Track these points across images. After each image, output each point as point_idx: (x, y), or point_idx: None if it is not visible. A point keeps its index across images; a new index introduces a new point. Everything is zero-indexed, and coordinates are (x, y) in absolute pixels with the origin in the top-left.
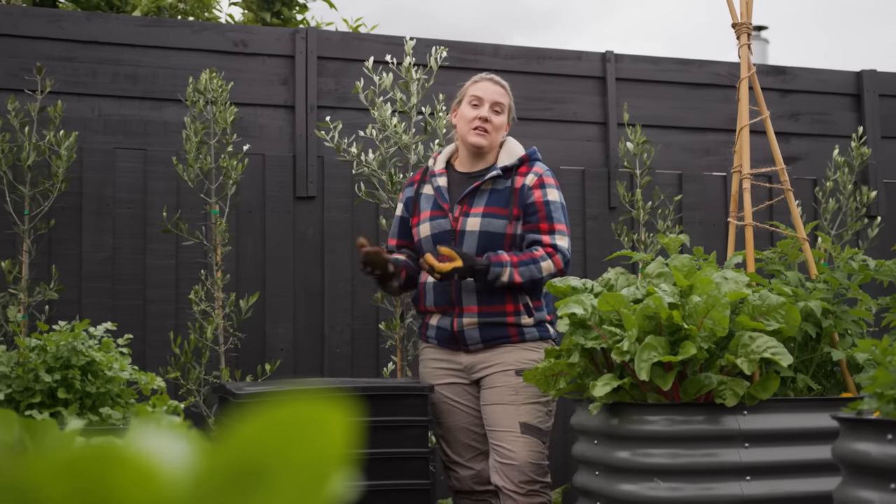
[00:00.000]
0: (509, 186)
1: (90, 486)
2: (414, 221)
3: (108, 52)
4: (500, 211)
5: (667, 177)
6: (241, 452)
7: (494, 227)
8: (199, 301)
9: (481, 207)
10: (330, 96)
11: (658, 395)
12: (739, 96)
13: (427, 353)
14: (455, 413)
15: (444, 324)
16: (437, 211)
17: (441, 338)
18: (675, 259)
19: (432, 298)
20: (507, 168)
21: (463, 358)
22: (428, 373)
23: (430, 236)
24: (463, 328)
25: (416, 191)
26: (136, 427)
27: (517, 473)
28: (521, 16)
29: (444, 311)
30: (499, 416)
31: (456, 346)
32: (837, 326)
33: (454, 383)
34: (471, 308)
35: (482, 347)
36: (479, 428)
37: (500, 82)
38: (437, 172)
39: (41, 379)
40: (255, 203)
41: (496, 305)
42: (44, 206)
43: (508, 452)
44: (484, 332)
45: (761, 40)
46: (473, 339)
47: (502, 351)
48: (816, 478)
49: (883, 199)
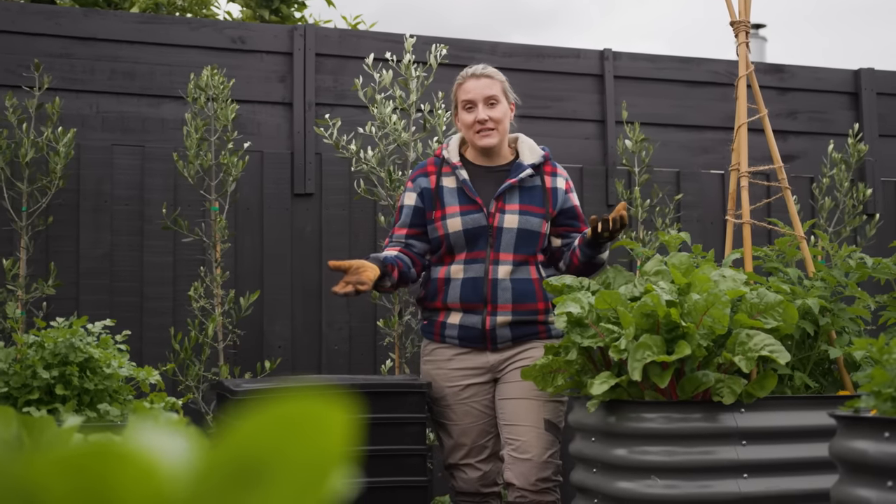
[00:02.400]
0: (539, 185)
1: (90, 484)
2: (437, 215)
3: (106, 48)
4: (536, 209)
5: (665, 175)
6: (240, 449)
7: (531, 226)
8: (199, 298)
9: (517, 205)
10: (328, 93)
11: (655, 393)
12: (737, 94)
13: (441, 353)
14: (472, 414)
15: (472, 322)
16: (468, 205)
17: (467, 337)
18: (673, 257)
19: (458, 294)
20: (534, 166)
21: (489, 357)
22: (442, 374)
23: (461, 231)
24: (496, 326)
25: (436, 183)
26: (135, 424)
27: (534, 470)
28: (522, 15)
29: (473, 309)
30: (521, 411)
31: (483, 346)
32: (835, 324)
33: (474, 384)
34: (505, 306)
35: (511, 345)
36: (493, 427)
37: (483, 73)
38: (456, 165)
39: (39, 375)
40: (253, 200)
41: (530, 304)
42: (41, 203)
43: (526, 447)
44: (515, 330)
45: (759, 38)
46: (504, 338)
47: (529, 346)
48: (814, 476)
49: (880, 196)
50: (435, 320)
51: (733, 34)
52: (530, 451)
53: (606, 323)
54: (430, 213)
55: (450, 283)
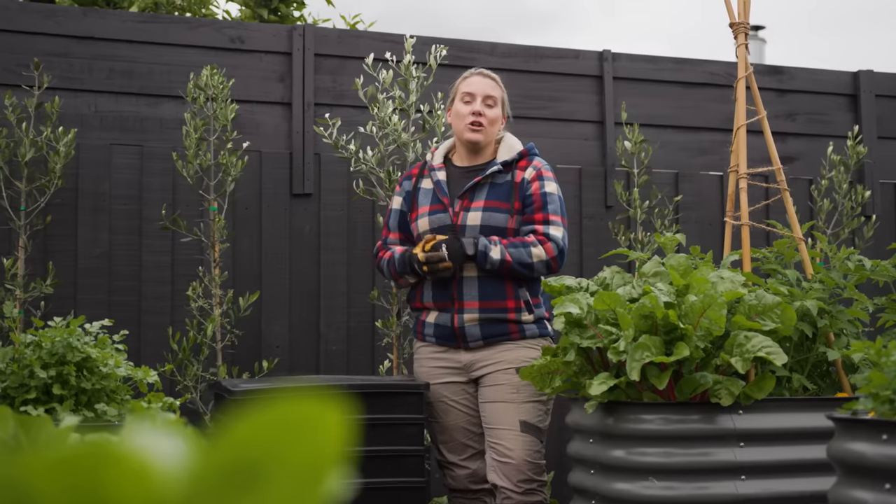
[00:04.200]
0: (509, 181)
1: (85, 483)
2: (412, 216)
3: (105, 47)
4: (501, 205)
5: (663, 176)
6: (236, 450)
7: (496, 221)
8: (197, 298)
9: (482, 202)
10: (327, 94)
11: (654, 395)
12: (736, 96)
13: (423, 351)
14: (452, 412)
15: (443, 320)
16: (436, 205)
17: (440, 335)
18: (671, 258)
19: (430, 294)
20: (506, 163)
21: (462, 356)
22: (424, 372)
23: (429, 230)
24: (464, 324)
25: (414, 185)
26: (132, 424)
27: (515, 472)
28: (523, 16)
29: (443, 308)
30: (499, 414)
31: (455, 344)
32: (833, 326)
33: (452, 382)
34: (472, 303)
35: (482, 345)
36: (476, 427)
37: (489, 75)
38: (435, 167)
39: (36, 375)
40: (252, 200)
41: (497, 301)
42: (40, 203)
43: (507, 451)
44: (485, 328)
45: (759, 40)
46: (474, 336)
47: (503, 348)
48: (811, 478)
49: (879, 198)
50: (419, 319)
51: (732, 36)
52: (510, 454)
53: (605, 324)
54: (409, 214)
55: (423, 282)
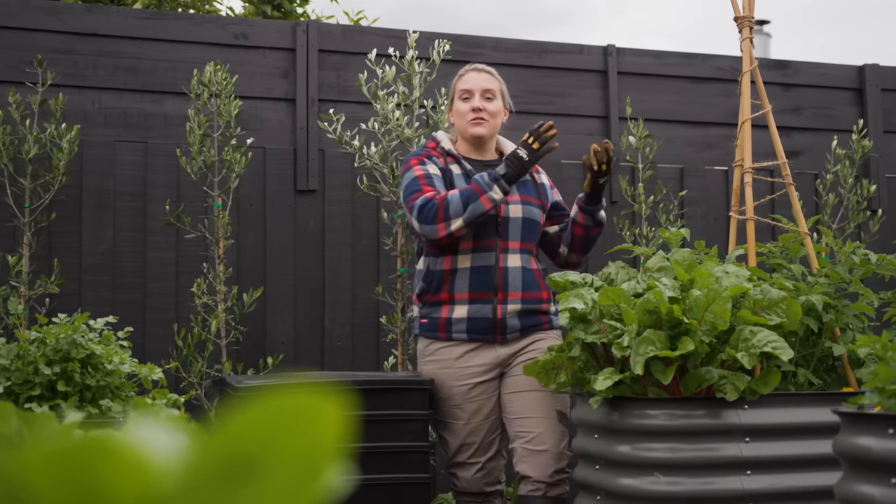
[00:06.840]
0: (530, 179)
1: (80, 478)
2: None
3: (109, 44)
4: (534, 201)
5: (668, 171)
6: (233, 444)
7: (533, 216)
8: (201, 294)
9: (517, 195)
10: (331, 89)
11: (659, 390)
12: (741, 90)
13: (447, 352)
14: (483, 412)
15: (482, 312)
16: None
17: (474, 329)
18: (676, 253)
19: (467, 284)
20: None
21: (498, 351)
22: (451, 374)
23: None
24: (506, 315)
25: (445, 166)
26: (134, 420)
27: (551, 461)
28: (534, 14)
29: (483, 299)
30: (532, 404)
31: (492, 338)
32: (839, 321)
33: (483, 381)
34: (515, 294)
35: (518, 336)
36: (500, 424)
37: (484, 69)
38: (458, 155)
39: (41, 372)
40: (256, 196)
41: (535, 292)
42: (44, 199)
43: (542, 439)
44: (523, 319)
45: (763, 34)
46: (513, 328)
47: (535, 338)
48: (817, 472)
49: (884, 192)
50: (437, 317)
51: (737, 30)
52: (546, 443)
53: (610, 319)
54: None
55: (456, 273)
